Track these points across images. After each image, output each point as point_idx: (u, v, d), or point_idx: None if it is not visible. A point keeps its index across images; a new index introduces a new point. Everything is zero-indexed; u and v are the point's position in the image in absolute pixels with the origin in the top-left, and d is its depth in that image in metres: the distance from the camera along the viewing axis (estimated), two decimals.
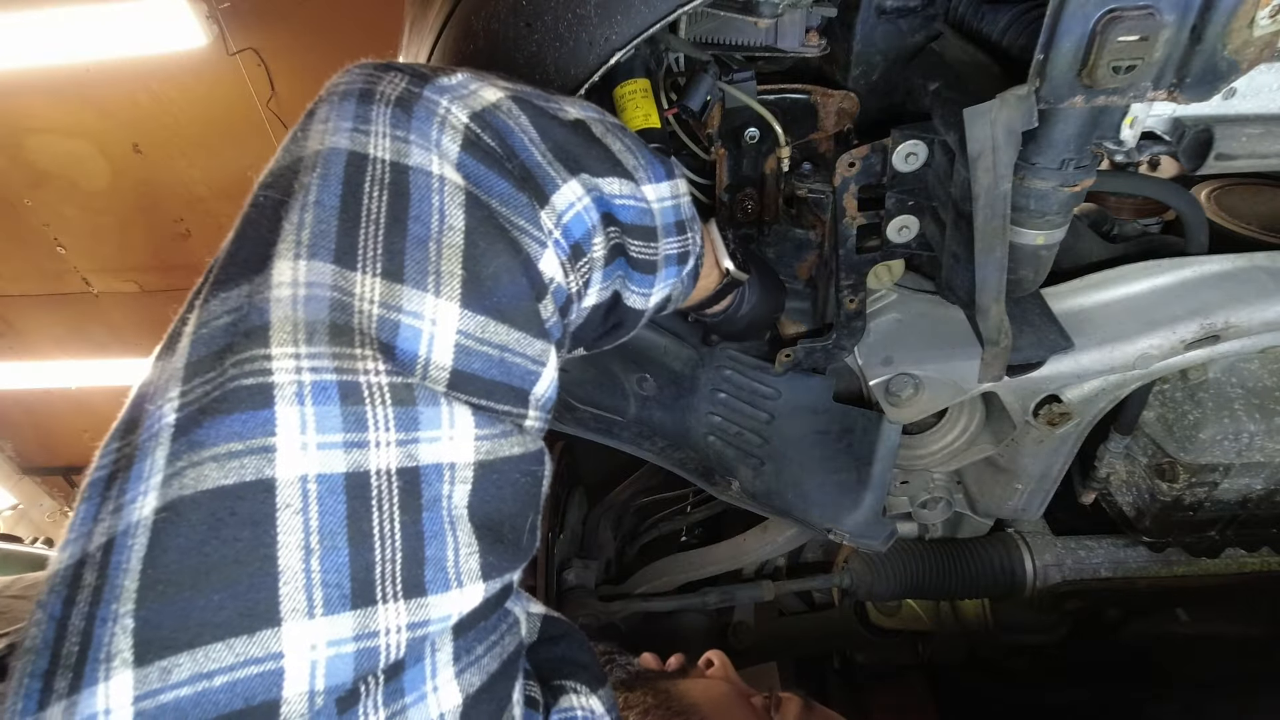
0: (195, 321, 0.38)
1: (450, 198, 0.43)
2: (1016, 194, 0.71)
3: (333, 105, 0.45)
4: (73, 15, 3.41)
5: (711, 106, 0.82)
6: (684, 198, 0.61)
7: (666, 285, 0.62)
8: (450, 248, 0.42)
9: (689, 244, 0.62)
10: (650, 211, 0.56)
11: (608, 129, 0.55)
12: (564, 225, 0.49)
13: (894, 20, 0.80)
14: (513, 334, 0.43)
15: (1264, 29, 0.56)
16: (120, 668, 0.30)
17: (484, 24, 0.76)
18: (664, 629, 1.57)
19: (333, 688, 0.33)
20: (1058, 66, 0.59)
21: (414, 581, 0.37)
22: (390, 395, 0.37)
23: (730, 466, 1.15)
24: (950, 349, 0.99)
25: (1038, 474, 1.16)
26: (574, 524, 1.69)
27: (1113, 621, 1.59)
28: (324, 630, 0.34)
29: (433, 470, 0.38)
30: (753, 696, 0.84)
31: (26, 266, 4.94)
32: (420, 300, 0.40)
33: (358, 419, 0.36)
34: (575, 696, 0.55)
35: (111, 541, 0.33)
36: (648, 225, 0.56)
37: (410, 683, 0.37)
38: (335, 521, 0.35)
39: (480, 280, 0.42)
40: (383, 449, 0.37)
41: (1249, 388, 1.05)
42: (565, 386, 1.15)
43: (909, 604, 1.62)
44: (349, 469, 0.35)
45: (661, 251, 0.58)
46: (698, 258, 0.69)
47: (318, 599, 0.34)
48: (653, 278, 0.58)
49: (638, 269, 0.57)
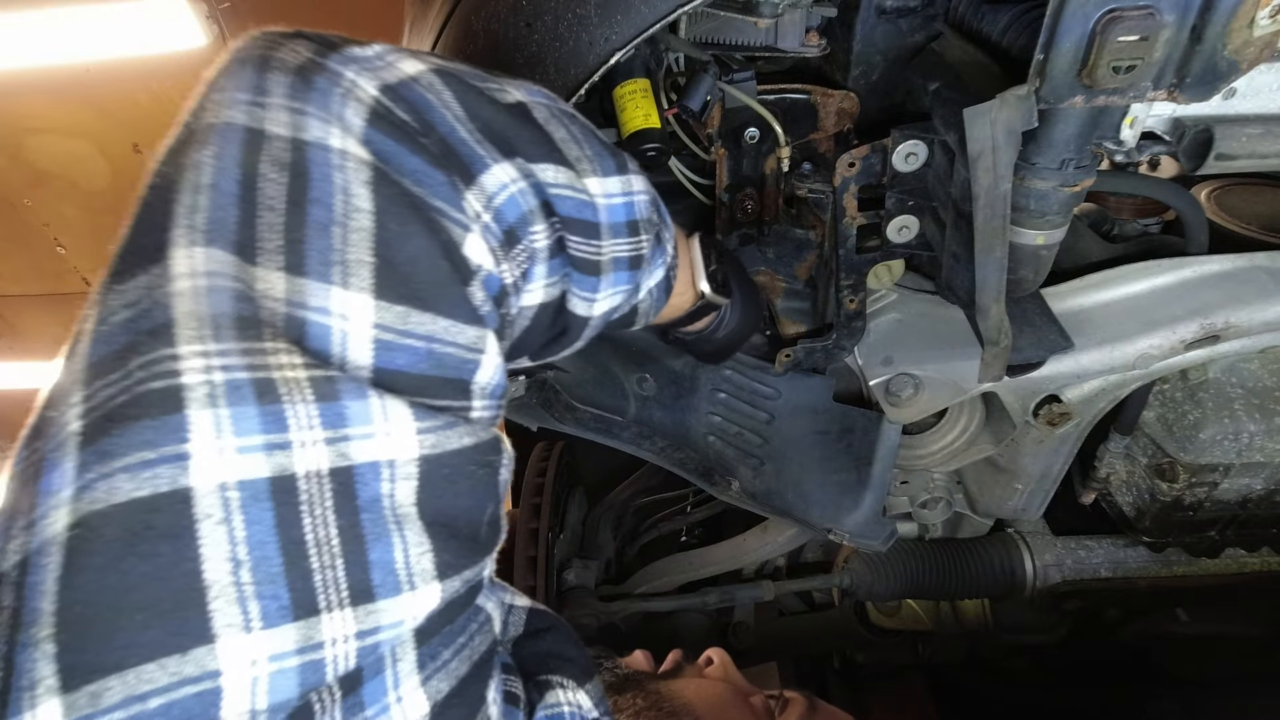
0: (95, 318, 0.35)
1: (354, 175, 0.39)
2: (1016, 194, 0.71)
3: (230, 75, 0.42)
4: (73, 15, 3.41)
5: (711, 106, 0.82)
6: (639, 197, 0.56)
7: (616, 292, 0.56)
8: (357, 232, 0.38)
9: (642, 247, 0.57)
10: (592, 206, 0.51)
11: (554, 115, 0.51)
12: (495, 208, 0.45)
13: (894, 20, 0.80)
14: (439, 322, 0.40)
15: (1264, 29, 0.56)
16: (46, 695, 0.29)
17: (484, 24, 0.76)
18: (664, 629, 1.57)
19: (277, 705, 0.32)
20: (1058, 66, 0.59)
21: (360, 587, 0.35)
22: (311, 391, 0.35)
23: (730, 466, 1.15)
24: (950, 349, 0.99)
25: (1038, 474, 1.16)
26: (574, 524, 1.69)
27: (1113, 621, 1.59)
28: (264, 645, 0.32)
29: (368, 469, 0.36)
30: (753, 696, 0.83)
31: (26, 266, 4.94)
32: (325, 294, 0.37)
33: (277, 418, 0.34)
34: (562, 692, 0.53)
35: (26, 561, 0.31)
36: (588, 220, 0.51)
37: (371, 695, 0.36)
38: (263, 530, 0.33)
39: (394, 266, 0.39)
40: (309, 449, 0.34)
41: (1249, 388, 1.05)
42: (565, 386, 1.15)
43: (909, 604, 1.62)
44: (273, 473, 0.33)
45: (607, 252, 0.53)
46: (669, 268, 0.66)
47: (254, 612, 0.32)
48: (596, 280, 0.53)
49: (580, 268, 0.52)
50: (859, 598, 1.56)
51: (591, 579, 1.53)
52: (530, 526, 1.49)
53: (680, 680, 0.86)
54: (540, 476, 1.60)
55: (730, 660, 0.91)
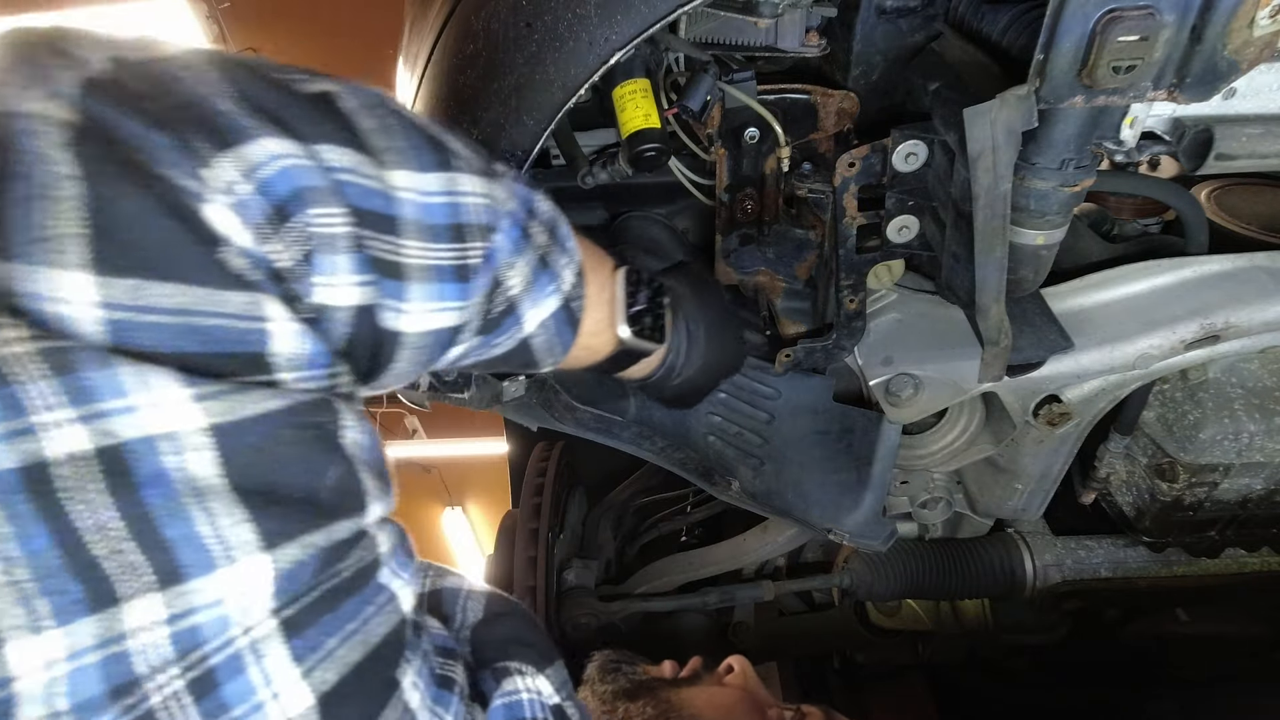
0: None
1: (53, 139, 0.35)
2: (1016, 194, 0.71)
3: None
4: (73, 16, 3.41)
5: (711, 106, 0.82)
6: (470, 199, 0.51)
7: (441, 308, 0.50)
8: (63, 202, 0.34)
9: (468, 257, 0.51)
10: (387, 197, 0.46)
11: (369, 107, 0.47)
12: (261, 179, 0.40)
13: (894, 20, 0.80)
14: (189, 292, 0.36)
15: (1264, 29, 0.56)
16: None
17: (484, 24, 0.76)
18: (664, 629, 1.57)
19: (81, 704, 0.31)
20: (1058, 66, 0.59)
21: (166, 569, 0.33)
22: (46, 364, 0.32)
23: (730, 466, 1.15)
24: (950, 349, 0.99)
25: (1038, 474, 1.16)
26: (574, 524, 1.69)
27: (1113, 621, 1.59)
28: (59, 643, 0.31)
29: (141, 445, 0.33)
30: (770, 708, 0.82)
31: None
32: (33, 278, 0.33)
33: (10, 403, 0.31)
34: (520, 678, 0.53)
35: None
36: (380, 212, 0.45)
37: (235, 695, 0.34)
38: (26, 524, 0.31)
39: (110, 236, 0.35)
40: (61, 430, 0.32)
41: (1249, 388, 1.05)
42: (565, 386, 1.15)
43: (909, 604, 1.61)
44: (21, 463, 0.31)
45: (413, 254, 0.47)
46: (566, 299, 0.60)
47: (43, 611, 0.31)
48: (401, 285, 0.47)
49: (382, 271, 0.46)
50: (859, 598, 1.56)
51: (591, 579, 1.53)
52: (530, 526, 1.49)
53: (695, 688, 0.85)
54: (540, 476, 1.60)
55: (751, 669, 0.88)
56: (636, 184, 1.04)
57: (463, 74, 0.78)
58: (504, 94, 0.75)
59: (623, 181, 0.92)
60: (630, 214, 1.09)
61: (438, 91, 0.82)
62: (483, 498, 6.35)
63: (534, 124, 0.75)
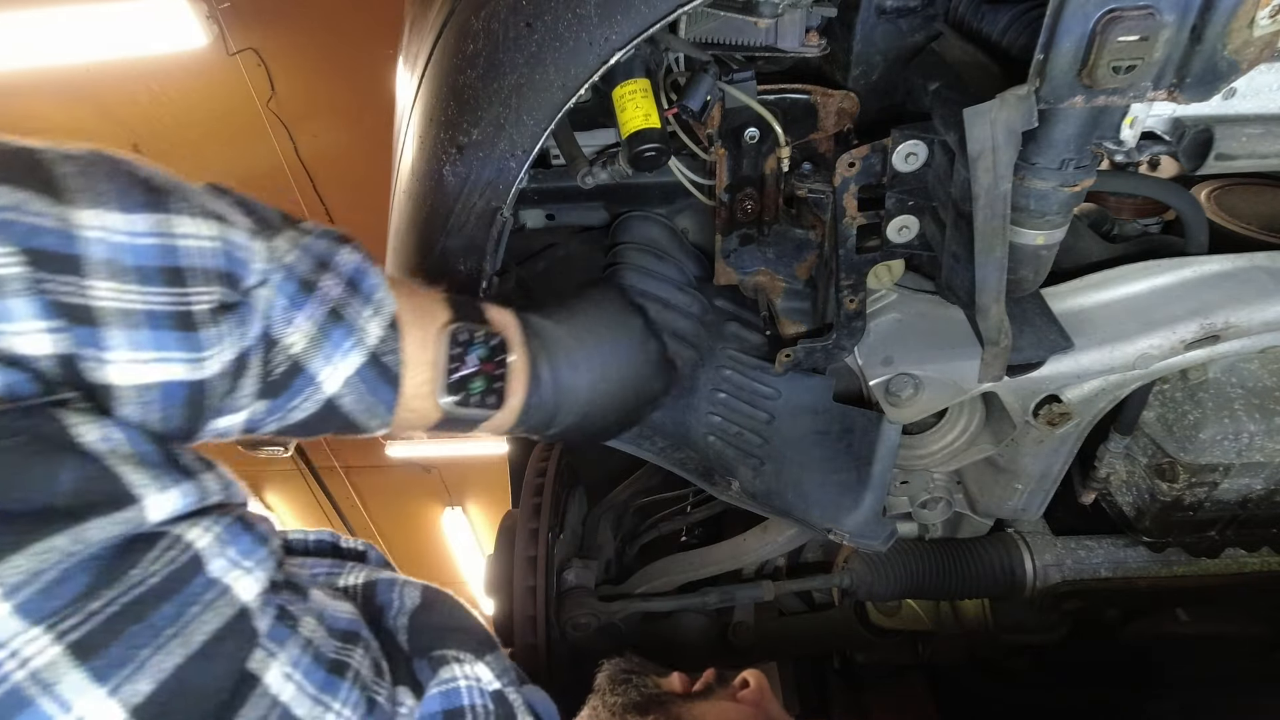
0: None
1: None
2: (1016, 194, 0.71)
3: None
4: (73, 15, 3.41)
5: (711, 106, 0.82)
6: (192, 241, 0.48)
7: (156, 359, 0.46)
8: None
9: (190, 302, 0.47)
10: (72, 236, 0.43)
11: (76, 159, 0.45)
12: None
13: (894, 20, 0.80)
14: None
15: (1264, 29, 0.56)
16: None
17: (484, 23, 0.76)
18: (664, 629, 1.57)
19: None
20: (1058, 66, 0.59)
21: None
22: None
23: (730, 466, 1.15)
24: (950, 349, 0.99)
25: (1038, 474, 1.16)
26: (574, 524, 1.69)
27: (1113, 621, 1.59)
28: None
29: None
30: None
31: None
32: None
33: None
34: (458, 665, 0.52)
35: None
36: (60, 252, 0.42)
37: None
38: None
39: None
40: None
41: (1249, 388, 1.05)
42: None
43: (909, 604, 1.61)
44: None
45: (104, 297, 0.44)
46: (372, 354, 0.57)
47: None
48: (98, 332, 0.44)
49: (70, 316, 0.43)
50: (859, 598, 1.56)
51: (591, 579, 1.53)
52: (530, 526, 1.49)
53: (707, 703, 0.83)
54: (540, 476, 1.60)
55: (767, 685, 0.86)
56: (636, 184, 1.04)
57: (463, 74, 0.78)
58: (504, 94, 0.75)
59: (623, 181, 0.92)
60: (630, 214, 1.09)
61: (438, 91, 0.82)
62: (483, 498, 6.35)
63: (534, 124, 0.75)
